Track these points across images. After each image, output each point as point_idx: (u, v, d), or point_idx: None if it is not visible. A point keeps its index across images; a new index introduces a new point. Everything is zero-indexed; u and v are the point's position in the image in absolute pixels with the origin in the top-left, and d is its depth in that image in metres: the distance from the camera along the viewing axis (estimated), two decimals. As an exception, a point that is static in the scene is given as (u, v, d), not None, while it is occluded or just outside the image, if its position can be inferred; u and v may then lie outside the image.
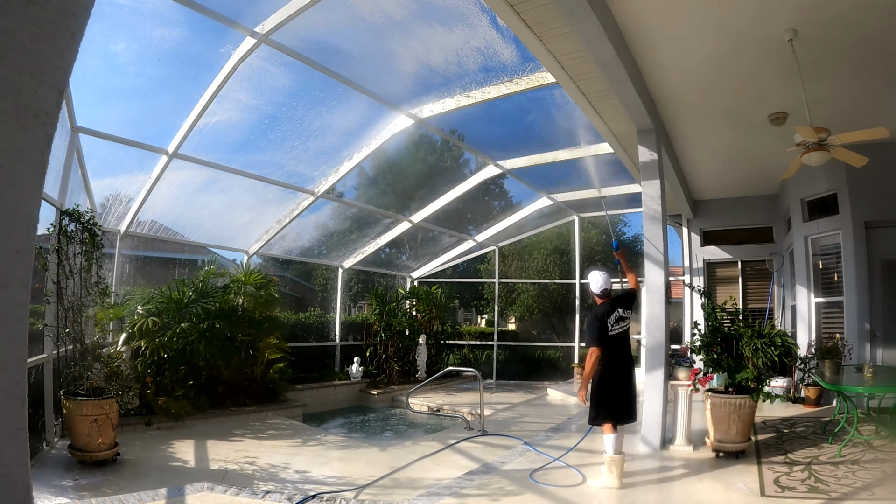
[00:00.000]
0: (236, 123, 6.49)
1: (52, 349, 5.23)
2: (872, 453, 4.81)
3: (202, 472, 4.68)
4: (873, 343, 7.10)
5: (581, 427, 6.57)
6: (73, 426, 4.68)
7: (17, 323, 1.17)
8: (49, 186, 5.06)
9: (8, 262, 1.15)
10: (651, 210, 5.68)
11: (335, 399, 9.46)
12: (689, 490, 4.05)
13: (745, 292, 10.14)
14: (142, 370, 6.27)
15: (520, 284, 13.77)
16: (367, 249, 10.93)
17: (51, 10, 1.18)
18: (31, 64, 1.16)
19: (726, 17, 4.29)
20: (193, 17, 4.86)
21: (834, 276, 7.77)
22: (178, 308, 6.80)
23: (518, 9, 4.04)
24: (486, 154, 8.74)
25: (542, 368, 12.74)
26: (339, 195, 8.70)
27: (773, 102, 5.79)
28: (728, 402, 4.87)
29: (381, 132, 7.39)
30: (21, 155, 1.16)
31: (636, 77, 5.04)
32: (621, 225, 13.82)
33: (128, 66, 5.58)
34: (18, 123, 1.15)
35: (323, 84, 6.20)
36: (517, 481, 4.31)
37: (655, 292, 5.55)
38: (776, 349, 5.16)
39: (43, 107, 1.19)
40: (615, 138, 6.75)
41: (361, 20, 5.35)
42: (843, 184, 7.43)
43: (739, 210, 10.13)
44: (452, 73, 6.33)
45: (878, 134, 4.44)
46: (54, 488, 4.07)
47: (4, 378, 1.14)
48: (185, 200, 7.61)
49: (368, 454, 5.55)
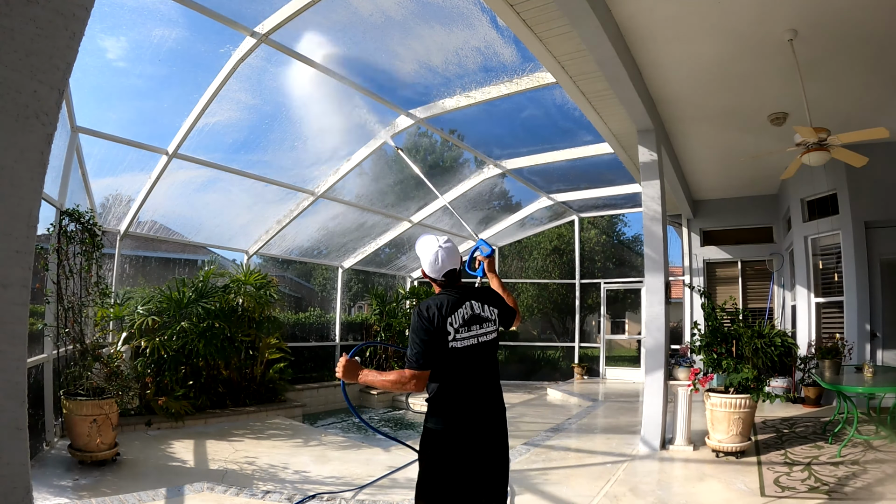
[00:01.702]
0: (236, 123, 6.50)
1: (52, 349, 5.23)
2: (872, 453, 4.81)
3: (202, 472, 4.68)
4: (873, 343, 7.11)
5: (581, 427, 6.57)
6: (72, 426, 4.67)
7: (17, 323, 1.17)
8: (49, 186, 5.06)
9: (8, 262, 1.15)
10: (651, 210, 5.68)
11: (335, 399, 9.47)
12: (690, 490, 4.05)
13: (745, 292, 10.14)
14: (142, 370, 6.26)
15: (520, 284, 13.77)
16: (367, 249, 10.93)
17: (51, 10, 1.18)
18: (31, 64, 1.16)
19: (726, 18, 4.29)
20: (193, 17, 4.86)
21: (834, 276, 7.77)
22: (178, 308, 6.80)
23: (518, 9, 4.04)
24: (485, 154, 8.74)
25: (542, 368, 12.74)
26: (338, 195, 8.70)
27: (773, 102, 5.79)
28: (728, 402, 4.87)
29: (381, 132, 7.39)
30: (21, 155, 1.16)
31: (636, 77, 5.04)
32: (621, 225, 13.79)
33: (128, 66, 5.58)
34: (18, 123, 1.15)
35: (323, 84, 6.21)
36: (516, 481, 4.31)
37: (655, 292, 5.54)
38: (776, 349, 5.16)
39: (43, 107, 1.19)
40: (615, 138, 6.75)
41: (361, 20, 5.34)
42: (843, 184, 7.43)
43: (739, 210, 10.13)
44: (452, 73, 6.33)
45: (878, 134, 4.44)
46: (54, 488, 4.06)
47: (4, 378, 1.14)
48: (185, 200, 7.61)
49: (368, 454, 5.55)
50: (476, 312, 2.33)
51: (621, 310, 13.73)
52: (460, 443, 2.21)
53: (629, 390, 9.95)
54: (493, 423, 2.30)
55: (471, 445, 2.22)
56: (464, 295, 2.35)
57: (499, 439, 2.32)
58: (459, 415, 2.23)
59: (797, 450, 5.05)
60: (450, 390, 2.25)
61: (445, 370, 2.24)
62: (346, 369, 2.31)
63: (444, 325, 2.23)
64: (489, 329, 2.36)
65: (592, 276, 12.64)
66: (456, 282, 2.41)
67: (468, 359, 2.27)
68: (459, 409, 2.24)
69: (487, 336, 2.35)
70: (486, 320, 2.36)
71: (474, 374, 2.30)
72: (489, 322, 2.37)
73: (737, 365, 5.02)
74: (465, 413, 2.24)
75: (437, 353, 2.21)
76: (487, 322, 2.37)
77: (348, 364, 2.31)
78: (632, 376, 11.46)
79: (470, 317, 2.31)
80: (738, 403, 4.84)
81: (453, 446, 2.20)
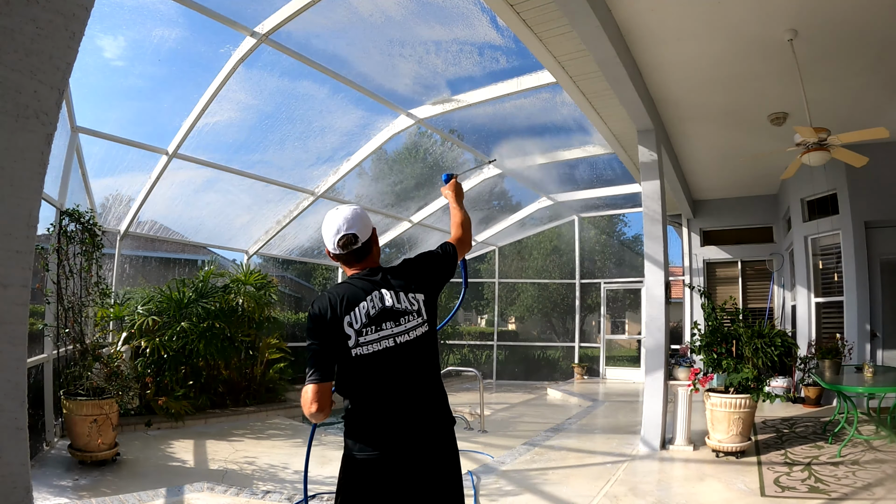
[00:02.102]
0: (236, 123, 6.50)
1: (52, 349, 5.23)
2: (872, 453, 4.81)
3: (202, 472, 4.68)
4: (873, 343, 7.11)
5: (581, 427, 6.57)
6: (72, 426, 4.68)
7: (17, 323, 1.17)
8: (49, 186, 5.06)
9: (8, 262, 1.15)
10: (651, 210, 5.68)
11: (335, 399, 9.45)
12: (690, 490, 4.05)
13: (745, 292, 10.14)
14: (142, 370, 6.27)
15: (520, 284, 13.77)
16: (367, 249, 10.91)
17: (51, 10, 1.18)
18: (31, 64, 1.16)
19: (726, 18, 4.29)
20: (193, 17, 4.86)
21: (834, 276, 7.77)
22: (178, 308, 6.81)
23: (518, 9, 4.04)
24: (485, 154, 8.73)
25: (542, 368, 12.75)
26: (339, 195, 8.70)
27: (773, 102, 5.79)
28: (728, 402, 4.87)
29: (381, 132, 7.40)
30: (21, 155, 1.16)
31: (636, 77, 5.04)
32: (621, 225, 13.79)
33: (128, 65, 5.59)
34: (18, 123, 1.15)
35: (323, 84, 6.21)
36: (516, 481, 4.31)
37: (655, 292, 5.54)
38: (776, 349, 5.16)
39: (43, 107, 1.19)
40: (615, 138, 6.75)
41: (361, 20, 5.35)
42: (843, 184, 7.44)
43: (739, 210, 10.14)
44: (452, 72, 6.33)
45: (878, 134, 4.44)
46: (54, 488, 4.07)
47: (4, 378, 1.14)
48: (185, 200, 7.61)
49: (368, 454, 5.55)
50: (388, 305, 1.79)
51: (621, 310, 13.73)
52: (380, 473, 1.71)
53: (629, 390, 9.95)
54: (427, 448, 1.77)
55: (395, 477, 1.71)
56: (373, 282, 1.83)
57: (437, 467, 1.78)
58: (377, 439, 1.73)
59: (797, 450, 5.05)
60: (362, 408, 1.77)
61: (353, 383, 1.78)
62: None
63: (341, 327, 1.75)
64: (412, 324, 1.81)
65: (592, 276, 12.64)
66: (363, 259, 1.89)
67: (383, 367, 1.76)
68: (377, 431, 1.73)
69: (410, 334, 1.80)
70: (404, 313, 1.80)
71: (394, 385, 1.77)
72: (411, 314, 1.81)
73: (737, 365, 5.02)
74: (386, 437, 1.73)
75: (332, 361, 1.76)
76: (407, 315, 1.81)
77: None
78: (632, 376, 11.46)
79: (379, 312, 1.77)
80: (738, 403, 4.84)
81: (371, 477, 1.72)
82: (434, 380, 1.88)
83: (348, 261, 1.89)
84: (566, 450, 5.43)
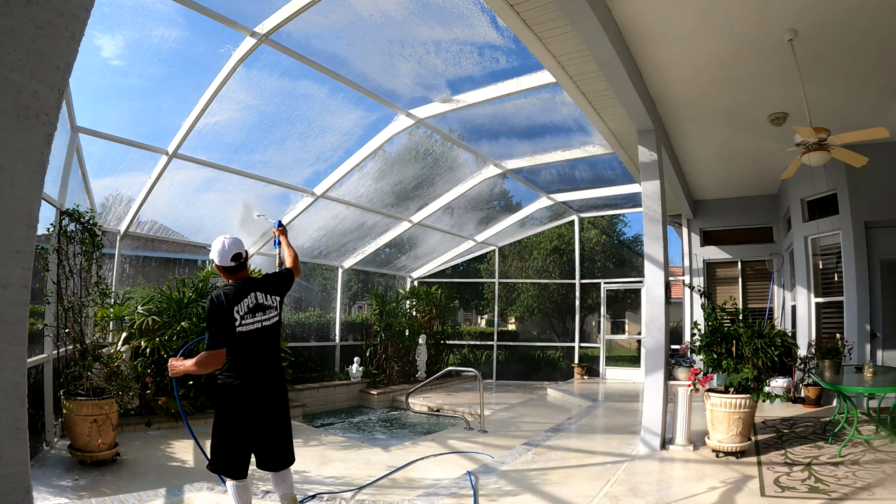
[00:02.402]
0: (236, 123, 6.50)
1: (52, 349, 5.23)
2: (872, 453, 4.81)
3: (202, 472, 4.67)
4: (873, 343, 7.11)
5: (581, 427, 6.58)
6: (72, 426, 4.68)
7: (17, 323, 1.17)
8: (49, 186, 5.06)
9: (8, 262, 1.15)
10: (651, 210, 5.68)
11: (335, 399, 9.46)
12: (690, 490, 4.05)
13: (745, 292, 10.14)
14: (142, 370, 6.27)
15: (520, 284, 13.77)
16: (366, 249, 10.93)
17: (51, 10, 1.18)
18: (31, 64, 1.16)
19: (726, 18, 4.29)
20: (193, 17, 4.86)
21: (834, 276, 7.77)
22: (178, 308, 6.81)
23: (518, 9, 4.04)
24: (485, 154, 8.74)
25: (542, 369, 12.75)
26: (339, 195, 8.71)
27: (773, 102, 5.79)
28: (728, 402, 4.87)
29: (381, 132, 7.40)
30: (21, 155, 1.16)
31: (636, 77, 5.04)
32: (621, 225, 13.78)
33: (128, 65, 5.58)
34: (18, 123, 1.15)
35: (323, 84, 6.21)
36: (516, 482, 4.31)
37: (655, 292, 5.55)
38: (776, 349, 5.16)
39: (43, 107, 1.19)
40: (615, 138, 6.75)
41: (361, 20, 5.35)
42: (843, 184, 7.44)
43: (739, 210, 10.14)
44: (452, 72, 6.33)
45: (878, 134, 4.44)
46: (54, 488, 4.07)
47: (4, 378, 1.14)
48: (185, 200, 7.61)
49: (368, 454, 5.55)
50: (260, 302, 2.97)
51: (621, 310, 13.74)
52: (246, 394, 2.88)
53: (629, 390, 9.95)
54: (273, 385, 2.99)
55: (254, 398, 2.90)
56: (249, 286, 2.97)
57: (277, 399, 3.01)
58: (246, 375, 2.88)
59: (797, 450, 5.05)
60: (239, 359, 2.89)
61: (236, 349, 2.86)
62: (174, 368, 2.89)
63: (231, 312, 2.83)
64: (271, 315, 3.03)
65: (592, 276, 12.64)
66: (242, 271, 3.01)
67: (253, 340, 2.92)
68: (246, 371, 2.89)
69: (270, 320, 3.01)
70: (268, 308, 3.01)
71: (258, 350, 2.95)
72: (271, 309, 3.03)
73: (737, 365, 5.02)
74: (251, 374, 2.89)
75: (226, 334, 2.82)
76: (269, 309, 3.02)
77: (172, 363, 2.91)
78: (632, 376, 11.46)
79: (254, 305, 2.94)
80: (738, 403, 4.84)
81: (241, 396, 2.87)
82: (278, 347, 3.09)
83: (233, 271, 2.99)
84: (566, 450, 5.43)
